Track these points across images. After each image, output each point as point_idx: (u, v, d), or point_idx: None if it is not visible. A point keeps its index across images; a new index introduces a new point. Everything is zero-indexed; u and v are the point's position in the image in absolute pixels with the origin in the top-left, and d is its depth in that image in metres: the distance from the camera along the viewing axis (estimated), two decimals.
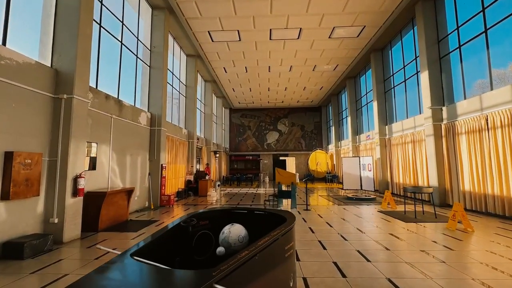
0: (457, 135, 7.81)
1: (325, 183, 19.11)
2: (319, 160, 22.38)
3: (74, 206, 4.86)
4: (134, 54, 8.37)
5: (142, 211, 7.83)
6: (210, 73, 15.99)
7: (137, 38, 8.53)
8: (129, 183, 7.53)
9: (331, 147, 21.96)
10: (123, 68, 7.92)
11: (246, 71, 15.73)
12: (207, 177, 13.18)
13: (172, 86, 11.66)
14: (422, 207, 7.03)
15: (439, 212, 7.24)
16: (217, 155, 11.01)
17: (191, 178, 12.63)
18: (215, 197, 9.72)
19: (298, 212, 7.49)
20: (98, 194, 5.46)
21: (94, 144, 6.01)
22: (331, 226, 5.66)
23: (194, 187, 12.17)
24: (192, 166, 12.85)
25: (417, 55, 10.11)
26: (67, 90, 4.90)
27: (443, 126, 8.39)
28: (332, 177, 18.25)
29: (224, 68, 15.25)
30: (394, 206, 8.07)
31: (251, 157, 24.97)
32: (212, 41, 11.95)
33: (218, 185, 10.29)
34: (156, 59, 9.30)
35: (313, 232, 5.20)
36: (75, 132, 4.93)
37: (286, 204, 8.89)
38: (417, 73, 10.19)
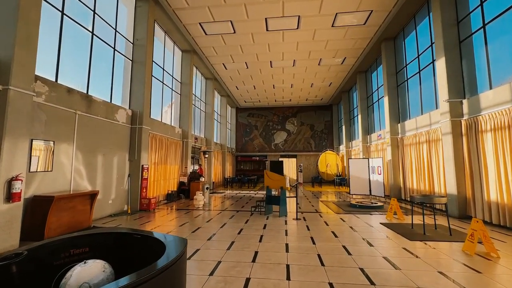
0: (480, 133, 6.45)
1: (334, 186, 17.79)
2: (329, 162, 21.04)
3: (8, 213, 4.24)
4: (111, 47, 7.79)
5: (116, 216, 7.21)
6: (210, 70, 15.32)
7: (115, 29, 7.96)
8: (100, 185, 6.94)
9: (342, 148, 20.55)
10: (99, 62, 7.36)
11: (247, 67, 14.88)
12: (202, 179, 12.48)
13: (163, 82, 11.07)
14: (434, 220, 5.78)
15: (455, 226, 5.95)
16: (206, 155, 10.24)
17: (185, 179, 11.98)
18: (202, 201, 8.94)
19: (285, 222, 6.50)
20: (44, 199, 4.83)
21: (50, 143, 5.42)
22: (313, 243, 4.64)
23: (187, 189, 11.51)
24: (186, 167, 12.20)
25: (433, 41, 8.73)
26: (2, 80, 4.31)
27: (463, 123, 7.03)
28: (340, 180, 16.91)
29: (223, 64, 14.51)
30: (402, 217, 6.84)
31: (258, 158, 24.08)
32: (206, 34, 11.23)
33: (207, 188, 9.50)
34: (139, 53, 8.70)
35: (287, 251, 4.22)
36: (12, 128, 4.32)
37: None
38: (433, 61, 8.80)
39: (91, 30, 6.92)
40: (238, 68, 14.98)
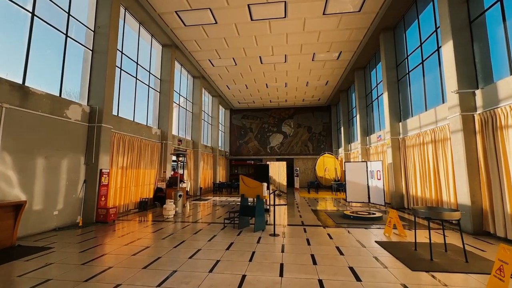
0: (499, 129, 5.22)
1: (331, 192, 16.49)
2: (327, 166, 19.77)
3: None
4: (62, 33, 6.76)
5: (62, 230, 6.07)
6: (196, 67, 14.30)
7: (68, 13, 6.94)
8: (41, 193, 5.82)
9: (341, 151, 19.28)
10: (44, 50, 6.33)
11: (235, 64, 13.82)
12: (183, 184, 11.35)
13: (136, 78, 10.02)
14: (444, 240, 4.52)
15: (471, 247, 4.70)
16: (181, 158, 9.13)
17: (164, 185, 10.83)
18: (172, 210, 7.77)
19: (259, 239, 5.29)
20: None
21: None
22: (281, 275, 3.44)
23: (164, 196, 10.35)
24: (165, 172, 11.08)
25: (438, 26, 7.57)
26: None
27: (476, 117, 5.80)
28: (338, 186, 15.62)
29: (209, 60, 13.48)
30: (403, 233, 5.59)
31: (252, 162, 22.89)
32: (185, 25, 10.20)
33: (180, 196, 8.35)
34: (101, 42, 7.67)
35: (239, 287, 3.03)
36: None
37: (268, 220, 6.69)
38: (438, 49, 7.62)
39: (31, 11, 5.88)
40: (225, 64, 13.93)
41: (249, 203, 6.44)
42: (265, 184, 6.00)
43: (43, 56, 6.33)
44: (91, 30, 7.70)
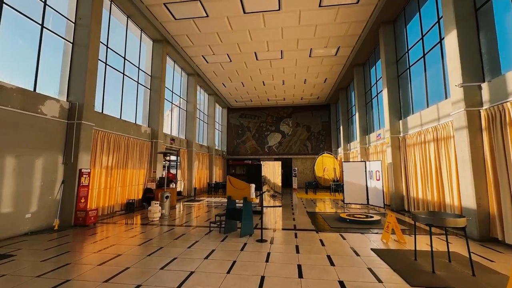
0: (509, 126, 4.74)
1: (330, 193, 16.01)
2: (326, 166, 19.31)
3: None
4: (37, 23, 6.33)
5: (35, 234, 5.65)
6: (190, 64, 13.87)
7: (44, 2, 6.50)
8: (11, 195, 5.39)
9: (340, 150, 18.79)
10: (15, 40, 5.91)
11: (230, 60, 13.37)
12: (173, 185, 10.91)
13: (123, 74, 9.59)
14: (448, 248, 4.05)
15: (477, 256, 4.22)
16: (168, 157, 8.71)
17: (154, 186, 10.41)
18: (158, 213, 7.34)
19: (243, 245, 4.84)
20: None
21: None
22: None
23: (153, 197, 9.91)
24: (155, 172, 10.64)
25: (440, 16, 7.09)
26: None
27: (483, 113, 5.32)
28: (336, 186, 15.13)
29: (203, 56, 13.03)
30: (402, 239, 5.12)
31: (250, 162, 22.42)
32: (175, 18, 9.76)
33: (167, 197, 7.92)
34: (81, 34, 7.23)
35: None
36: None
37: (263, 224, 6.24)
38: (440, 41, 7.14)
39: None
40: (220, 61, 13.48)
41: (237, 206, 5.97)
42: (253, 185, 5.55)
43: (14, 48, 5.91)
44: (72, 22, 7.27)
